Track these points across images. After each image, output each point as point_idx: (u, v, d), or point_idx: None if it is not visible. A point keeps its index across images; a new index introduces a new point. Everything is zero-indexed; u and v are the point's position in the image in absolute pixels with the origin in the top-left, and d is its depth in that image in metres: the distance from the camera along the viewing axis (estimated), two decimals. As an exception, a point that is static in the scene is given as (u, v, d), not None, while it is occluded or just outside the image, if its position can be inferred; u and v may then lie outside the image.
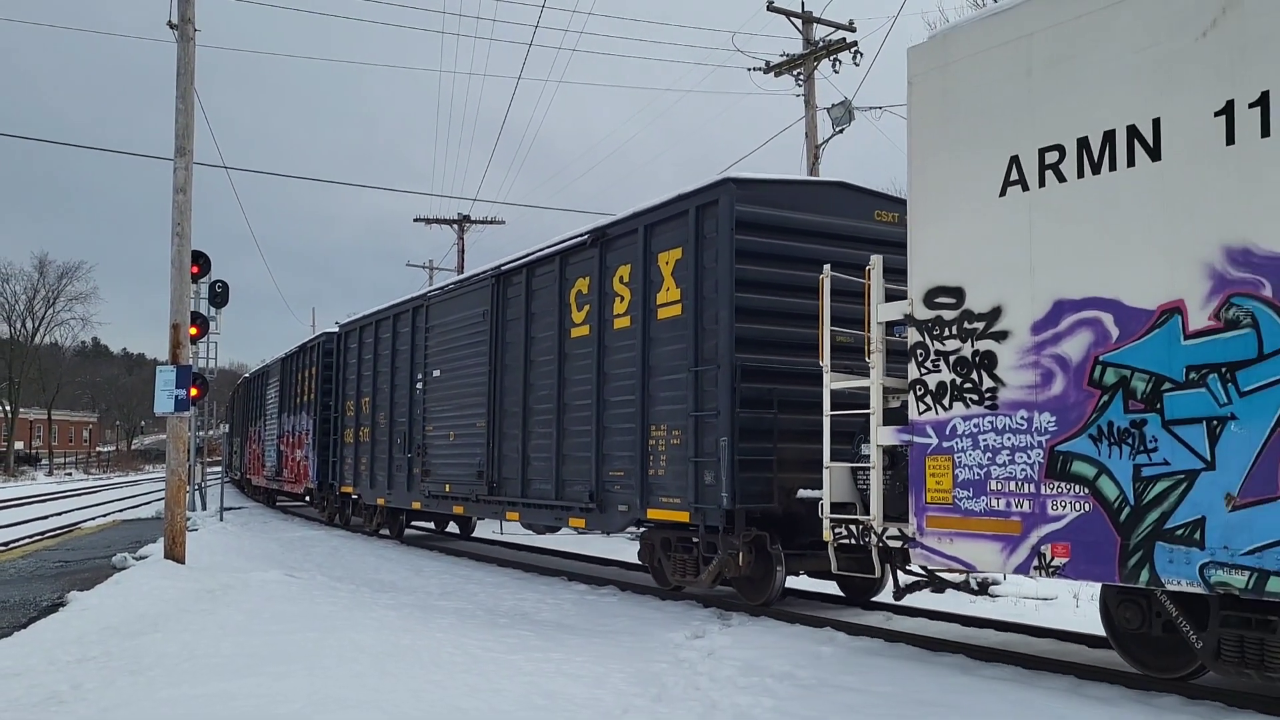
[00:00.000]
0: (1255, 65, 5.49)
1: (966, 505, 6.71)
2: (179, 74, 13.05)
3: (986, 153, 6.77)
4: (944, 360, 6.94)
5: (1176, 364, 5.70)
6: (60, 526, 24.23)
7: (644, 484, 10.05)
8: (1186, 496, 5.60)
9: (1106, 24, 6.18)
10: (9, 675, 6.71)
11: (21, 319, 72.36)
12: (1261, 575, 5.27)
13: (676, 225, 9.81)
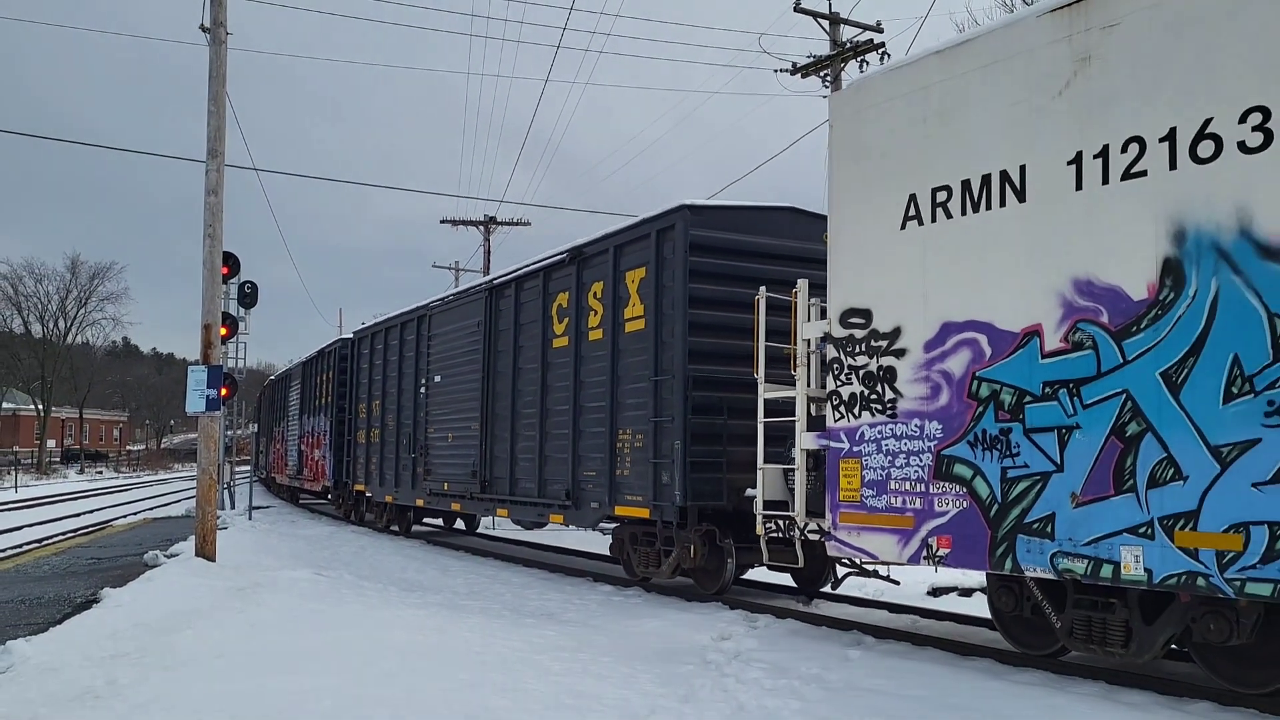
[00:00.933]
0: (1098, 122, 6.39)
1: (871, 502, 7.65)
2: (211, 77, 13.15)
3: (890, 191, 7.69)
4: (855, 374, 7.87)
5: (1035, 380, 6.62)
6: (92, 524, 24.94)
7: (612, 483, 11.05)
8: (1041, 495, 6.51)
9: (985, 80, 7.09)
10: (46, 670, 6.87)
11: (54, 319, 73.85)
12: (1096, 563, 6.18)
13: (641, 247, 10.80)
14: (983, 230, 7.04)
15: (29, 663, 6.97)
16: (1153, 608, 6.39)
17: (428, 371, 17.33)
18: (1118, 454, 6.13)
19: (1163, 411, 5.93)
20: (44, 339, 73.41)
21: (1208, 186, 5.82)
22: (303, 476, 31.16)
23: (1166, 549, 5.85)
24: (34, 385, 73.27)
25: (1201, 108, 5.89)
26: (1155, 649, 6.37)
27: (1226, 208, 5.73)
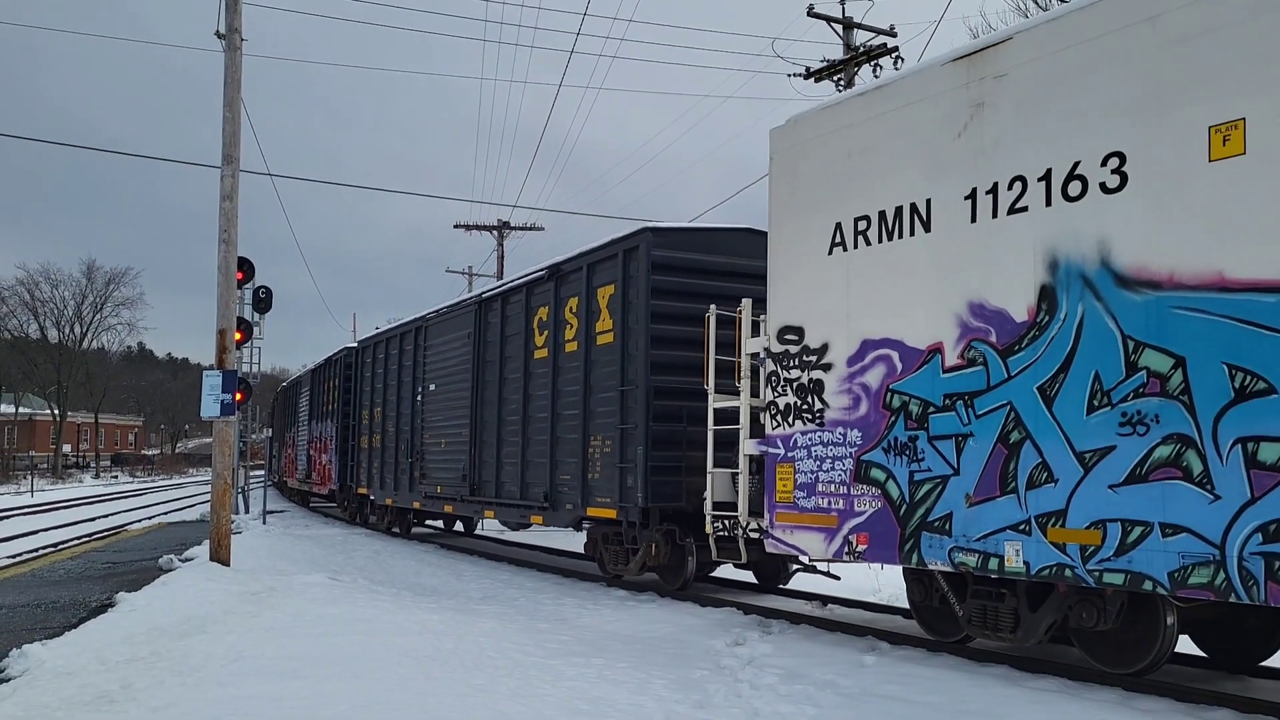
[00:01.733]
0: (989, 162, 7.21)
1: (802, 503, 8.48)
2: (226, 83, 13.22)
3: (820, 219, 8.53)
4: (789, 386, 8.71)
5: (937, 392, 7.44)
6: (108, 529, 25.46)
7: (585, 486, 11.92)
8: (941, 496, 7.33)
9: (899, 121, 7.92)
10: (62, 674, 6.96)
11: (70, 324, 75.22)
12: (985, 557, 6.99)
13: (610, 265, 11.67)
14: (896, 257, 7.87)
15: (45, 667, 7.14)
16: (1036, 597, 7.20)
17: (424, 380, 18.26)
18: (1003, 459, 6.95)
19: (1039, 421, 6.75)
20: (60, 344, 74.74)
21: (1076, 222, 6.63)
22: (311, 480, 32.23)
23: (1041, 544, 6.67)
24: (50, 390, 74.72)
25: (1072, 151, 6.70)
26: (1039, 634, 7.18)
27: (1090, 241, 6.54)
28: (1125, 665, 6.80)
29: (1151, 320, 6.18)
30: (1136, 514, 6.16)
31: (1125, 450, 6.24)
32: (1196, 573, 5.85)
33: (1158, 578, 6.04)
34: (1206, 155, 6.00)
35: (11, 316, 72.05)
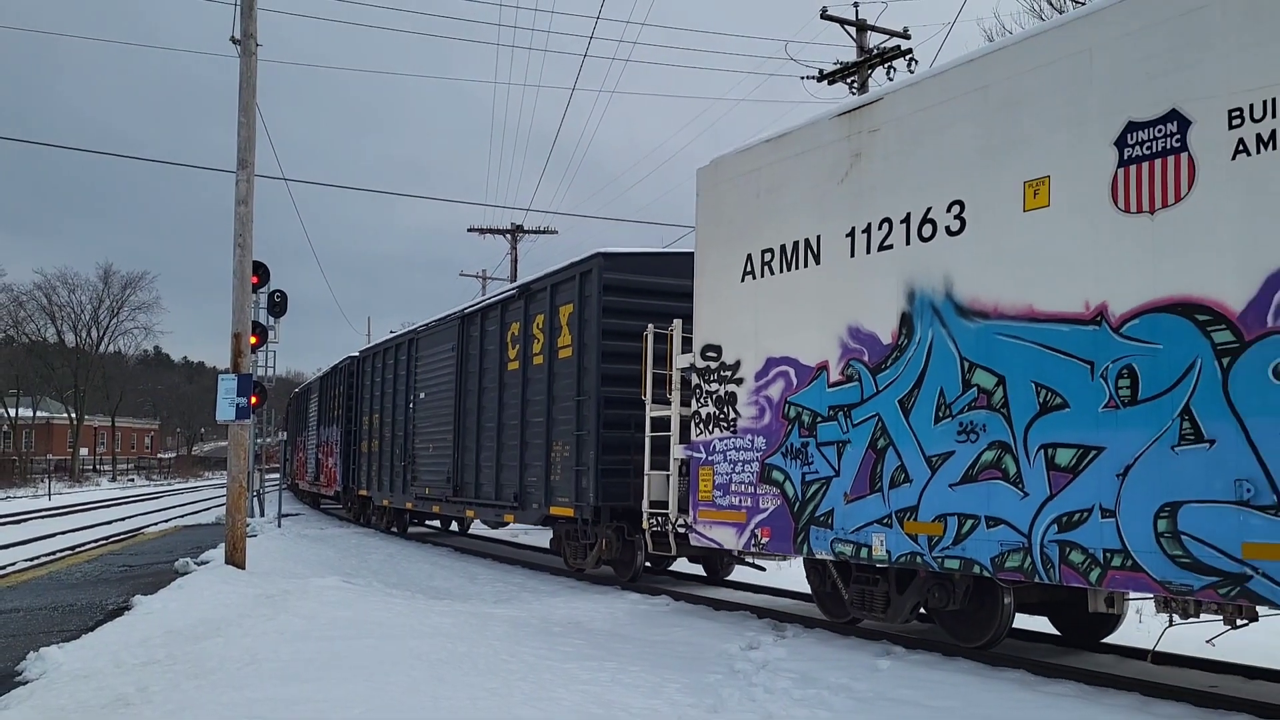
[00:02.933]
0: (864, 204, 8.48)
1: (719, 501, 9.78)
2: (241, 88, 13.39)
3: (735, 250, 9.82)
4: (710, 398, 10.00)
5: (824, 404, 8.71)
6: (124, 531, 26.05)
7: (548, 487, 13.26)
8: (826, 494, 8.61)
9: (797, 166, 9.20)
10: (78, 677, 7.06)
11: (87, 328, 77.18)
12: (858, 546, 8.26)
13: (570, 286, 13.01)
14: (793, 285, 9.15)
15: (62, 669, 7.31)
16: (903, 582, 8.46)
17: (415, 389, 19.69)
18: (872, 462, 8.22)
19: (899, 430, 8.01)
20: (77, 348, 76.57)
21: (928, 259, 7.90)
22: (320, 483, 33.81)
23: (899, 535, 7.93)
24: (67, 394, 76.71)
25: (926, 198, 7.96)
26: (905, 613, 8.45)
27: (939, 276, 7.80)
28: (974, 640, 8.06)
29: (981, 344, 7.44)
30: (969, 509, 7.42)
31: (961, 455, 7.50)
32: (1011, 558, 7.11)
33: (984, 563, 7.29)
34: (1022, 205, 7.25)
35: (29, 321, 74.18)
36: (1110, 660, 8.09)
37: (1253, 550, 5.83)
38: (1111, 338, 6.61)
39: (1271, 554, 5.75)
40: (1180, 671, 7.62)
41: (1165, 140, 6.43)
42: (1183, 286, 6.27)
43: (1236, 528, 5.90)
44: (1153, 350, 6.38)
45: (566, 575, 13.88)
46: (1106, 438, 6.58)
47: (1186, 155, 6.31)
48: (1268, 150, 5.93)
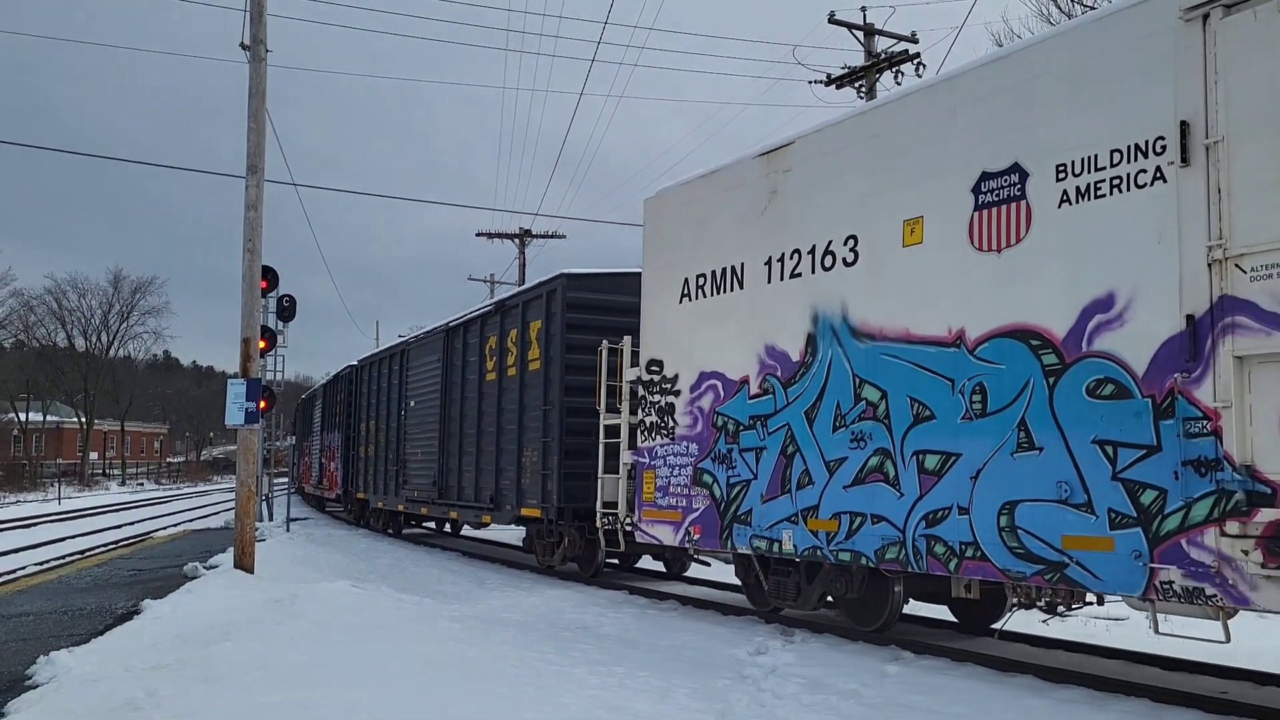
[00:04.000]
0: (779, 236, 9.71)
1: (660, 502, 11.02)
2: (251, 94, 13.66)
3: (675, 275, 11.06)
4: (653, 408, 11.25)
5: (745, 414, 9.94)
6: (133, 536, 26.27)
7: (519, 490, 14.53)
8: (746, 495, 9.83)
9: (725, 200, 10.44)
10: (88, 681, 7.15)
11: (97, 333, 79.13)
12: (771, 541, 9.49)
13: (538, 303, 14.29)
14: (721, 307, 10.38)
15: (71, 674, 7.43)
16: (811, 574, 9.68)
17: (406, 397, 21.03)
18: (783, 467, 9.44)
19: (804, 438, 9.23)
20: (87, 352, 78.21)
21: (828, 287, 9.11)
22: (322, 486, 35.29)
23: (804, 531, 9.15)
24: (77, 398, 78.35)
25: (828, 232, 9.18)
26: (814, 601, 9.67)
27: (837, 302, 9.02)
28: (870, 624, 9.28)
29: (869, 363, 8.65)
30: (858, 507, 8.63)
31: (853, 460, 8.72)
32: (890, 550, 8.32)
33: (869, 555, 8.51)
34: (901, 242, 8.47)
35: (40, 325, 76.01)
36: (1118, 666, 8.40)
37: (1069, 542, 7.03)
38: (968, 358, 7.81)
39: (1082, 545, 6.95)
40: (1190, 678, 7.90)
41: (1009, 189, 7.64)
42: (1021, 315, 7.48)
43: (1057, 523, 7.10)
44: (998, 370, 7.59)
45: (575, 580, 14.23)
46: (963, 445, 7.79)
47: (1025, 203, 7.52)
48: (1084, 201, 7.13)
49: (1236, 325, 6.18)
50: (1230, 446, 6.15)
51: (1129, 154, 6.87)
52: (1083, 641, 9.31)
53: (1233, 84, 6.33)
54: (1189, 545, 6.34)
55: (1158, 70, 6.74)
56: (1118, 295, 6.86)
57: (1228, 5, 6.39)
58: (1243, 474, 6.09)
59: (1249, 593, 6.06)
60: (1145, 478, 6.60)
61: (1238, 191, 6.25)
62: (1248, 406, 6.14)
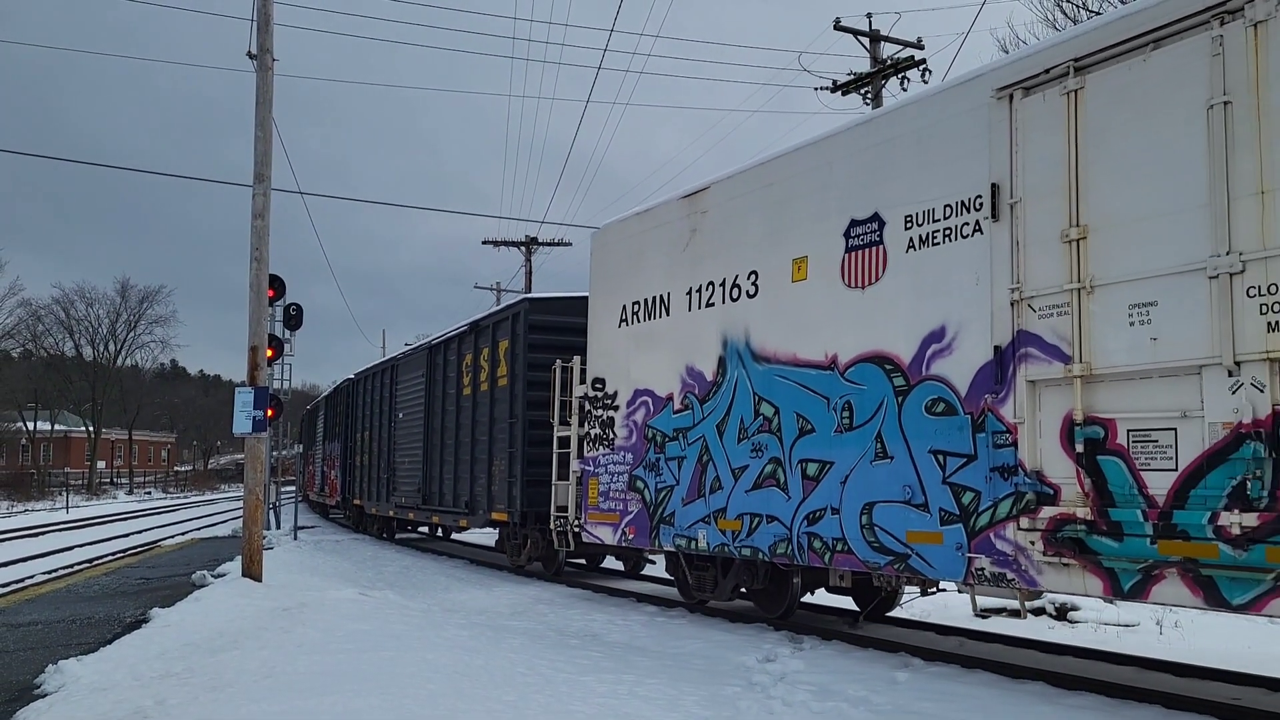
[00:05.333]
0: (698, 269, 11.29)
1: (601, 506, 12.62)
2: (258, 103, 14.00)
3: (614, 301, 12.66)
4: (597, 421, 12.85)
5: (670, 427, 11.53)
6: (141, 544, 27.27)
7: (489, 496, 16.17)
8: (670, 499, 11.41)
9: (655, 236, 12.03)
10: (97, 690, 7.27)
11: (104, 342, 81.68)
12: (690, 539, 11.07)
13: (506, 325, 15.93)
14: (652, 331, 11.97)
15: (80, 682, 7.57)
16: (725, 568, 11.25)
17: (396, 409, 22.74)
18: (699, 474, 11.01)
19: (716, 448, 10.81)
20: (94, 362, 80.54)
21: (735, 315, 10.69)
22: (325, 493, 37.12)
23: (714, 530, 10.72)
24: (84, 407, 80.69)
25: (735, 267, 10.75)
26: (728, 593, 11.24)
27: (742, 329, 10.59)
28: (774, 611, 10.85)
29: (766, 382, 10.22)
30: (757, 509, 10.20)
31: (753, 468, 10.29)
32: (780, 546, 9.88)
33: (764, 550, 10.07)
34: (790, 278, 10.04)
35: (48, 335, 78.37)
36: (1129, 673, 8.63)
37: (912, 536, 8.58)
38: (839, 380, 9.37)
39: (921, 539, 8.49)
40: (1202, 684, 8.12)
41: (871, 235, 9.20)
42: (878, 343, 9.03)
43: (903, 520, 8.64)
44: (861, 390, 9.14)
45: (581, 588, 14.75)
46: (835, 454, 9.34)
47: (882, 247, 9.08)
48: (925, 247, 8.68)
49: (1029, 355, 7.71)
50: (1024, 455, 7.68)
51: (957, 208, 8.42)
52: (1092, 648, 9.62)
53: (1028, 154, 7.87)
54: (995, 538, 7.88)
55: (977, 139, 8.29)
56: (948, 328, 8.41)
57: (1026, 88, 7.93)
58: (1033, 478, 7.62)
59: (1037, 577, 7.59)
60: (966, 481, 8.14)
61: (1030, 244, 7.79)
62: (1037, 422, 7.67)
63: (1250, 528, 6.27)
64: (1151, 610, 11.12)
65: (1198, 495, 6.60)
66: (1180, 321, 6.77)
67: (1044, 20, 21.21)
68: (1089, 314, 7.32)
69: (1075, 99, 7.54)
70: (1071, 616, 11.66)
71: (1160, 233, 6.93)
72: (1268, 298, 6.33)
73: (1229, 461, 6.45)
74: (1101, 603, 9.30)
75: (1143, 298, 7.00)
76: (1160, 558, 6.74)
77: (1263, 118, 6.45)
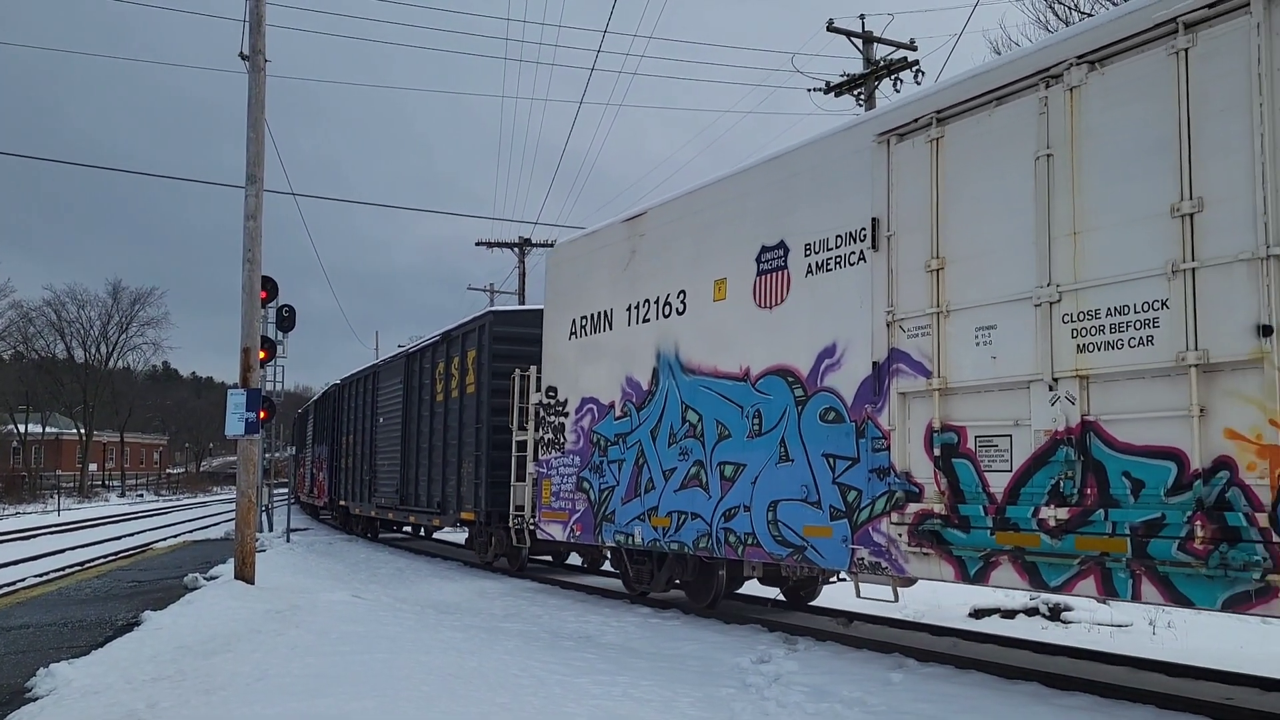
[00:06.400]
0: (638, 288, 12.64)
1: (554, 505, 13.98)
2: (250, 104, 14.26)
3: (566, 315, 14.02)
4: (550, 427, 14.22)
5: (612, 432, 12.89)
6: (133, 547, 27.62)
7: (459, 496, 17.56)
8: (612, 498, 12.77)
9: (600, 256, 13.39)
10: (89, 693, 7.33)
11: (96, 344, 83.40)
12: (628, 535, 12.43)
13: (474, 335, 17.32)
14: (597, 344, 13.33)
15: (72, 685, 7.62)
16: (659, 562, 12.61)
17: (377, 414, 24.17)
18: (636, 475, 12.36)
19: (650, 452, 12.16)
20: (86, 364, 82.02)
21: (667, 330, 12.04)
22: (313, 494, 38.59)
23: (648, 527, 12.08)
24: (76, 409, 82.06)
25: (668, 287, 12.10)
26: (663, 584, 12.60)
27: (672, 343, 11.94)
28: (703, 601, 12.20)
29: (692, 392, 11.57)
30: (683, 507, 11.55)
31: (680, 470, 11.64)
32: (702, 541, 11.22)
33: (689, 544, 11.42)
34: (712, 297, 11.39)
35: (39, 337, 79.92)
36: (1122, 673, 8.93)
37: (808, 530, 9.92)
38: (751, 390, 10.72)
39: (815, 533, 9.83)
40: (1196, 684, 8.37)
41: (778, 260, 10.55)
42: (783, 358, 10.37)
43: (801, 516, 9.98)
44: (769, 400, 10.49)
45: (574, 590, 15.13)
46: (747, 457, 10.69)
47: (787, 271, 10.42)
48: (821, 272, 10.02)
49: (900, 370, 9.05)
50: (895, 458, 9.02)
51: (846, 238, 9.76)
52: (1086, 648, 9.89)
53: (901, 192, 9.21)
54: (873, 531, 9.22)
55: (862, 178, 9.63)
56: (838, 345, 9.75)
57: (900, 134, 9.27)
58: (902, 478, 8.95)
59: (905, 565, 8.93)
60: (851, 481, 9.48)
61: (902, 272, 9.13)
62: (907, 429, 9.00)
63: (1064, 520, 7.59)
64: (1144, 610, 11.61)
65: (1026, 493, 7.92)
66: (1013, 343, 8.10)
67: (1036, 22, 21.75)
68: (946, 335, 8.65)
69: (937, 146, 8.87)
70: (1065, 617, 12.14)
71: (1000, 265, 8.26)
72: (1078, 323, 7.65)
73: (1049, 464, 7.77)
74: (1095, 603, 9.91)
75: (986, 321, 8.33)
76: (997, 547, 8.07)
77: (1076, 169, 7.78)
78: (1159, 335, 7.12)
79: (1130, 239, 7.36)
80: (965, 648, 10.03)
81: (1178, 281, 7.02)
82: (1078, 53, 7.81)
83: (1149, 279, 7.21)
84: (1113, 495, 7.33)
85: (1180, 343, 6.95)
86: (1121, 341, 7.36)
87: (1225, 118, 6.87)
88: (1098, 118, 7.68)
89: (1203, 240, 6.94)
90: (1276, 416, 6.45)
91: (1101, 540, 7.35)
